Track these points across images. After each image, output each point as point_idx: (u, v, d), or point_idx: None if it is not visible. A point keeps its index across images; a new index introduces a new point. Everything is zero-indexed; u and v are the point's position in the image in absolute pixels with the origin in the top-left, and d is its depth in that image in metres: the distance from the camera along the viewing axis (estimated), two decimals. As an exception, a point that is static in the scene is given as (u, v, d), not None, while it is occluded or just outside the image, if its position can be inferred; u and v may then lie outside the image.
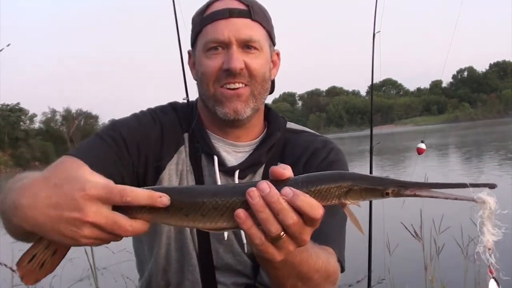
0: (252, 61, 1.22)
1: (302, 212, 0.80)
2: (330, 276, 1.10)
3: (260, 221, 0.80)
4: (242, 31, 1.21)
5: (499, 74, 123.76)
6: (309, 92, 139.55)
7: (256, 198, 0.79)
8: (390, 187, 0.81)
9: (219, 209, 0.82)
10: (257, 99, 1.25)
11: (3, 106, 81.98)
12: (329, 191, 0.81)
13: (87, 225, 0.80)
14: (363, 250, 2.50)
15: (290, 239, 0.83)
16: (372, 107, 2.91)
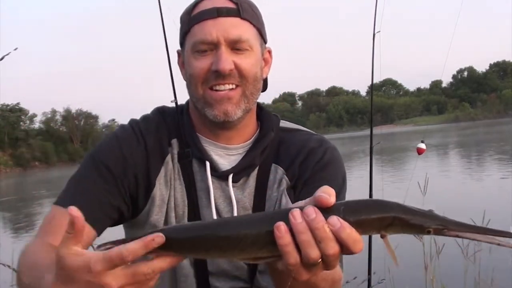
0: (242, 61, 1.19)
1: (344, 244, 0.77)
2: (336, 283, 1.08)
3: (300, 243, 0.76)
4: (231, 30, 1.17)
5: (499, 74, 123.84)
6: (309, 92, 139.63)
7: (299, 219, 0.76)
8: (433, 226, 0.78)
9: (255, 239, 0.78)
10: (249, 100, 1.21)
11: (3, 106, 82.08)
12: (372, 224, 0.78)
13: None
14: (363, 250, 2.50)
15: (323, 264, 0.80)
16: (372, 107, 2.91)
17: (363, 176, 12.76)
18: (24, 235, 10.60)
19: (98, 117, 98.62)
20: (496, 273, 3.54)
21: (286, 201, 1.23)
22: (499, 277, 4.18)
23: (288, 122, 1.38)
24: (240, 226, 0.78)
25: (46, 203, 17.18)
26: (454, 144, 28.46)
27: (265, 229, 0.77)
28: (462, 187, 11.00)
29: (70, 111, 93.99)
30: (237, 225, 0.79)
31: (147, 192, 1.22)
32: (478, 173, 13.37)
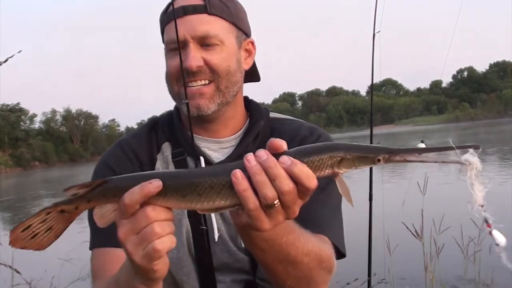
0: (212, 57, 1.20)
1: (298, 181, 0.81)
2: (323, 262, 1.09)
3: (257, 184, 0.80)
4: (197, 27, 1.19)
5: (499, 74, 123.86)
6: (309, 92, 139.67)
7: (254, 161, 0.80)
8: (381, 154, 0.83)
9: (216, 187, 0.82)
10: (225, 94, 1.23)
11: (3, 106, 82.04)
12: (323, 161, 0.83)
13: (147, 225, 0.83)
14: (363, 250, 2.50)
15: (282, 208, 0.83)
16: (372, 107, 2.91)
17: (363, 176, 12.75)
18: (24, 235, 10.60)
19: (98, 117, 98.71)
20: (496, 273, 3.54)
21: None
22: (499, 277, 4.18)
23: (278, 113, 1.40)
24: (205, 176, 0.83)
25: (46, 203, 17.19)
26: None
27: (224, 178, 0.81)
28: (461, 187, 10.96)
29: (70, 111, 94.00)
30: (200, 174, 0.84)
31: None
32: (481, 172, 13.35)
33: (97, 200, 0.85)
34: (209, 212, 0.86)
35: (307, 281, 1.08)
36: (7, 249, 1.29)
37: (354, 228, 4.46)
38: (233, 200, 0.82)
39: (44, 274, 3.25)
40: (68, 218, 0.88)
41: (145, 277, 0.89)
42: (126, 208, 0.82)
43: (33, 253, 0.95)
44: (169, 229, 0.84)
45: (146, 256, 0.83)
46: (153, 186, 0.81)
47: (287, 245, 0.98)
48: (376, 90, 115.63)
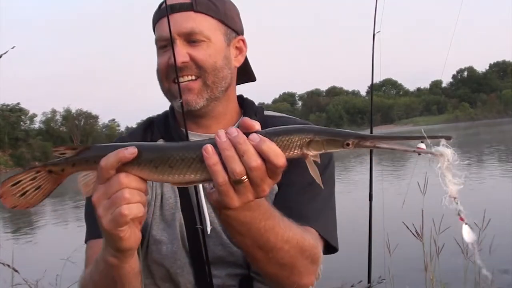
0: (198, 53, 1.25)
1: (266, 157, 0.83)
2: (306, 251, 1.10)
3: (225, 159, 0.83)
4: (183, 25, 1.23)
5: (499, 74, 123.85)
6: (309, 92, 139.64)
7: (224, 137, 0.84)
8: (350, 139, 0.85)
9: (187, 160, 0.85)
10: (212, 89, 1.27)
11: (3, 106, 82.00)
12: (292, 141, 0.85)
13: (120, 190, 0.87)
14: (363, 250, 2.50)
15: (251, 185, 0.86)
16: (372, 107, 2.91)
17: (363, 175, 12.77)
18: (24, 235, 10.60)
19: (98, 117, 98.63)
20: (496, 273, 3.54)
21: None
22: (499, 277, 4.18)
23: (273, 111, 1.44)
24: (177, 149, 0.86)
25: (46, 203, 17.18)
26: (454, 144, 28.44)
27: (196, 152, 0.85)
28: (462, 186, 10.99)
29: (70, 111, 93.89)
30: (173, 147, 0.88)
31: None
32: (478, 173, 13.36)
33: (80, 165, 0.90)
34: (180, 185, 0.90)
35: (289, 269, 1.09)
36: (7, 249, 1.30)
37: (354, 228, 4.48)
38: (203, 174, 0.85)
39: (45, 274, 3.24)
40: (56, 180, 0.93)
41: (113, 246, 0.93)
42: (102, 172, 0.86)
43: (33, 253, 0.95)
44: (139, 197, 0.87)
45: (113, 220, 0.87)
46: (128, 152, 0.85)
47: (265, 230, 1.00)
48: (376, 90, 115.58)
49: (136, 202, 0.87)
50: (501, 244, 4.17)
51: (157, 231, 1.28)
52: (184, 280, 1.26)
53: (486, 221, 2.94)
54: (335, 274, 1.17)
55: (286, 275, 1.11)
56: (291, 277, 1.11)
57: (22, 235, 10.55)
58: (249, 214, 0.96)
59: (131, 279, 1.02)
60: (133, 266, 1.01)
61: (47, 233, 10.67)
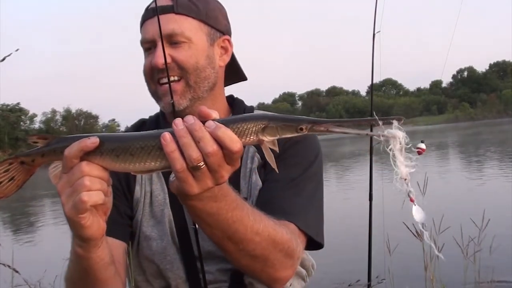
0: (179, 54, 1.27)
1: (222, 143, 0.85)
2: (279, 245, 1.10)
3: (183, 146, 0.85)
4: (164, 26, 1.25)
5: (499, 74, 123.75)
6: (309, 92, 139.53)
7: (181, 125, 0.86)
8: (303, 124, 0.88)
9: (146, 148, 0.88)
10: (195, 89, 1.29)
11: (3, 106, 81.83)
12: (248, 128, 0.88)
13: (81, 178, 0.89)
14: (363, 250, 2.50)
15: (209, 172, 0.88)
16: (372, 107, 2.91)
17: (363, 175, 12.76)
18: (25, 235, 10.60)
19: (98, 117, 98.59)
20: (496, 273, 3.54)
21: (255, 179, 1.29)
22: (499, 277, 4.18)
23: (263, 111, 1.44)
24: (137, 138, 0.90)
25: (47, 203, 17.17)
26: (454, 144, 28.44)
27: (155, 140, 0.88)
28: (462, 187, 10.99)
29: (70, 111, 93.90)
30: (134, 136, 0.92)
31: (131, 197, 1.32)
32: (478, 173, 13.36)
33: (49, 155, 0.94)
34: (141, 174, 0.92)
35: (262, 261, 1.10)
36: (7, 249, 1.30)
37: (354, 228, 4.46)
38: (163, 162, 0.88)
39: (45, 274, 3.24)
40: (28, 170, 0.97)
41: (77, 235, 0.96)
42: (65, 161, 0.89)
43: (34, 253, 0.96)
44: (99, 185, 0.90)
45: (73, 207, 0.89)
46: (90, 141, 0.88)
47: (233, 221, 1.02)
48: (376, 90, 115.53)
49: (97, 190, 0.89)
50: (501, 244, 4.18)
51: (147, 228, 1.30)
52: (174, 276, 1.28)
53: (486, 221, 2.94)
54: (335, 274, 1.16)
55: (260, 268, 1.12)
56: (265, 269, 1.13)
57: (22, 235, 10.54)
58: (215, 205, 0.97)
59: (100, 269, 1.04)
60: (102, 257, 1.02)
61: (47, 233, 10.66)
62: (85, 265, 1.02)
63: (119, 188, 1.31)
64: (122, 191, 1.32)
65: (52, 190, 21.05)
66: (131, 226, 1.32)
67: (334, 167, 19.13)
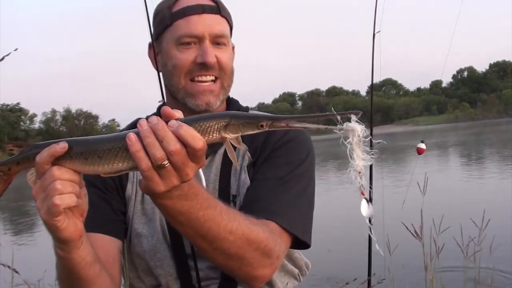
0: (223, 55, 1.30)
1: (185, 142, 0.88)
2: (253, 243, 1.11)
3: (147, 146, 0.87)
4: (215, 26, 1.27)
5: (499, 74, 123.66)
6: (309, 92, 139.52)
7: (145, 126, 0.88)
8: (263, 121, 0.91)
9: (113, 150, 0.90)
10: (226, 91, 1.34)
11: (3, 106, 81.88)
12: (210, 126, 0.91)
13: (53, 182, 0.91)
14: (363, 250, 2.50)
15: (174, 170, 0.90)
16: (372, 107, 2.91)
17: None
18: (25, 235, 10.60)
19: (98, 117, 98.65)
20: (496, 273, 3.54)
21: (244, 177, 1.30)
22: (499, 277, 4.18)
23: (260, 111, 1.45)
24: (103, 141, 0.92)
25: (46, 203, 17.14)
26: (454, 144, 28.44)
27: (121, 142, 0.90)
28: (462, 187, 11.00)
29: (70, 111, 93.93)
30: (101, 139, 0.94)
31: (123, 194, 1.34)
32: (478, 173, 13.36)
33: (23, 162, 0.96)
34: (111, 175, 0.93)
35: (238, 259, 1.12)
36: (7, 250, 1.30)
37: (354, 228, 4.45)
38: (130, 162, 0.90)
39: (45, 274, 3.24)
40: (6, 180, 0.99)
41: (54, 237, 0.98)
42: (38, 167, 0.92)
43: (34, 253, 0.96)
44: (71, 188, 0.92)
45: (48, 211, 0.92)
46: (59, 147, 0.90)
47: (205, 220, 1.03)
48: (376, 90, 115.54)
49: (69, 193, 0.91)
50: (501, 244, 4.17)
51: (139, 225, 1.32)
52: (164, 273, 1.30)
53: (486, 221, 2.94)
54: (335, 274, 1.16)
55: (237, 266, 1.14)
56: (242, 268, 1.14)
57: (22, 235, 10.55)
58: (186, 204, 0.99)
59: (83, 269, 1.05)
60: (83, 257, 1.04)
61: (47, 233, 10.65)
62: (68, 265, 1.04)
63: (113, 186, 1.32)
64: (115, 189, 1.33)
65: (52, 190, 20.95)
66: (125, 223, 1.34)
67: (334, 167, 19.13)
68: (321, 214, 1.32)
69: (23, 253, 6.95)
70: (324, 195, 10.88)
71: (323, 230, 7.40)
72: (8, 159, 0.97)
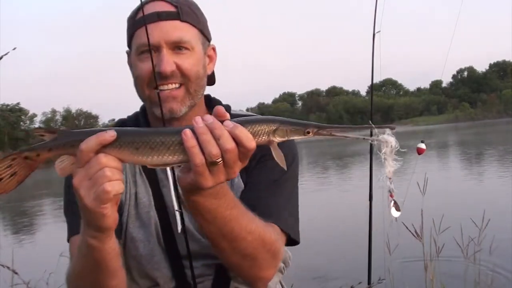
0: (184, 62, 1.27)
1: (239, 141, 0.92)
2: (267, 244, 1.16)
3: (203, 143, 0.91)
4: (171, 33, 1.25)
5: (499, 74, 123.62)
6: (309, 92, 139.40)
7: (201, 123, 0.92)
8: (310, 128, 0.97)
9: (166, 143, 0.93)
10: (193, 96, 1.32)
11: (3, 106, 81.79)
12: (261, 129, 0.96)
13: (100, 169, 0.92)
14: (363, 250, 2.50)
15: (224, 167, 0.94)
16: (372, 107, 2.91)
17: (363, 176, 12.77)
18: (25, 235, 10.60)
19: (98, 117, 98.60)
20: (496, 273, 3.54)
21: (238, 181, 1.32)
22: (499, 277, 4.18)
23: (238, 110, 1.46)
24: (158, 133, 0.94)
25: (47, 203, 17.18)
26: (454, 144, 28.45)
27: (175, 136, 0.93)
28: (462, 187, 11.00)
29: (70, 111, 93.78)
30: (154, 131, 0.97)
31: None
32: (478, 173, 13.36)
33: (57, 149, 0.95)
34: (157, 167, 0.96)
35: (251, 260, 1.15)
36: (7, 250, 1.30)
37: (354, 228, 4.45)
38: (180, 156, 0.93)
39: (44, 275, 3.25)
40: (31, 165, 0.97)
41: (95, 226, 0.98)
42: (81, 155, 0.92)
43: (34, 253, 0.96)
44: (118, 175, 0.93)
45: (96, 198, 0.92)
46: (108, 135, 0.92)
47: (230, 219, 1.07)
48: (376, 90, 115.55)
49: (117, 180, 0.93)
50: (501, 244, 4.17)
51: (133, 229, 1.33)
52: (161, 275, 1.32)
53: (486, 221, 2.94)
54: (335, 274, 1.17)
55: (248, 266, 1.17)
56: (252, 268, 1.18)
57: (22, 236, 10.55)
58: (215, 202, 1.04)
59: (112, 260, 1.07)
60: (113, 247, 1.06)
61: (47, 233, 10.66)
62: (98, 257, 1.05)
63: None
64: None
65: (53, 190, 21.00)
66: (120, 224, 1.33)
67: (334, 167, 19.14)
68: (321, 215, 1.33)
69: (23, 253, 6.95)
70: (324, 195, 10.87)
71: (323, 230, 7.39)
72: (38, 145, 0.96)
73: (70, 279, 1.18)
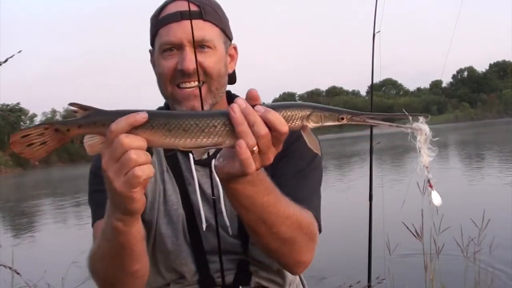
0: (206, 60, 1.30)
1: (272, 126, 0.91)
2: (304, 228, 1.18)
3: (240, 134, 0.90)
4: (195, 32, 1.27)
5: (499, 74, 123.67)
6: (309, 92, 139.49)
7: (238, 111, 0.90)
8: (344, 114, 0.97)
9: (201, 125, 0.92)
10: (215, 94, 1.33)
11: (3, 106, 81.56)
12: (295, 114, 0.95)
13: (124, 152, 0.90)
14: (363, 250, 2.50)
15: (258, 153, 0.93)
16: (372, 107, 2.91)
17: (363, 175, 12.77)
18: (25, 235, 10.60)
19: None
20: (496, 273, 3.54)
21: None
22: (499, 277, 4.18)
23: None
24: (192, 116, 0.94)
25: (47, 203, 17.18)
26: (454, 144, 28.45)
27: (210, 118, 0.92)
28: (462, 187, 10.99)
29: (70, 111, 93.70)
30: (190, 115, 0.95)
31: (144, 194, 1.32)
32: (479, 173, 13.36)
33: (87, 126, 0.95)
34: (190, 149, 0.94)
35: (290, 244, 1.17)
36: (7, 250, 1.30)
37: (354, 228, 4.46)
38: (214, 139, 0.92)
39: (44, 275, 3.25)
40: (61, 139, 0.97)
41: (123, 209, 0.97)
42: (110, 135, 0.90)
43: (34, 253, 0.96)
44: (145, 157, 0.91)
45: (126, 182, 0.90)
46: (139, 116, 0.90)
47: (268, 205, 1.08)
48: (376, 90, 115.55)
49: (144, 162, 0.90)
50: (501, 244, 4.17)
51: (162, 226, 1.35)
52: (188, 269, 1.35)
53: (486, 221, 2.94)
54: (335, 274, 1.17)
55: (288, 251, 1.18)
56: (292, 253, 1.19)
57: (22, 236, 10.55)
58: (253, 189, 1.04)
59: (137, 243, 1.08)
60: (139, 231, 1.07)
61: (47, 233, 10.67)
62: (123, 240, 1.05)
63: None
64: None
65: (53, 190, 21.00)
66: (150, 220, 1.36)
67: (334, 167, 19.14)
68: (321, 214, 1.34)
69: (23, 253, 6.95)
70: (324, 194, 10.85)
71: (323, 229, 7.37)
72: (70, 120, 0.96)
73: (92, 262, 1.19)
